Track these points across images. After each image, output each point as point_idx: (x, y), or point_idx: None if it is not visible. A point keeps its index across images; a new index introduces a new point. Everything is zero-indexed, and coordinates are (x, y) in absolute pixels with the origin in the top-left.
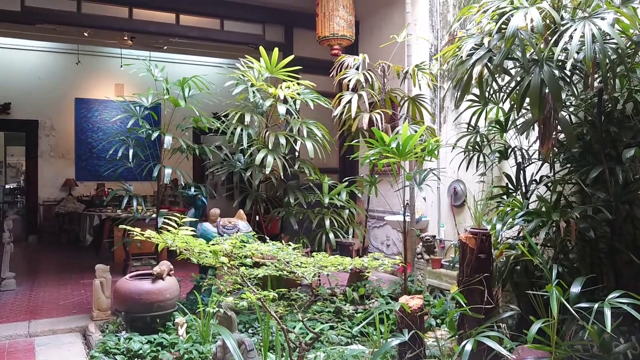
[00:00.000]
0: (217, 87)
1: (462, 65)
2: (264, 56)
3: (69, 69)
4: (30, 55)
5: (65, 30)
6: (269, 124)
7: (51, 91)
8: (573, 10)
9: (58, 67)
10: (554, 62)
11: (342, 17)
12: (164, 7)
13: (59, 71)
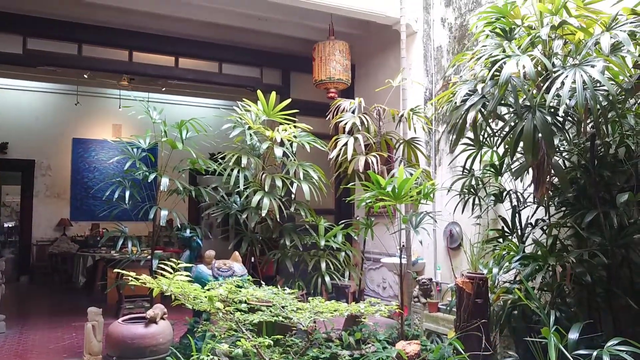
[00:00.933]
0: (215, 129)
1: (456, 111)
2: (261, 99)
3: (67, 109)
4: (29, 96)
5: (65, 72)
6: (265, 166)
7: (49, 131)
8: (564, 58)
9: (57, 108)
10: (546, 109)
11: (339, 61)
12: (163, 51)
13: (57, 111)
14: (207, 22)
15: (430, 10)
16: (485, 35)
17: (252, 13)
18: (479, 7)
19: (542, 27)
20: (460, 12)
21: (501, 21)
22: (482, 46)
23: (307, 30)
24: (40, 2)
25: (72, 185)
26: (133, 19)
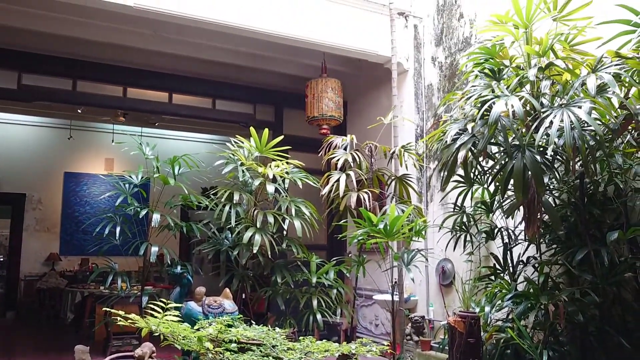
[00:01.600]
0: (208, 164)
1: (447, 150)
2: (254, 136)
3: (60, 143)
4: (22, 130)
5: (59, 107)
6: (257, 202)
7: (41, 165)
8: (552, 98)
9: (49, 142)
10: (535, 148)
11: (331, 98)
12: (157, 87)
13: (50, 145)
14: (201, 59)
15: (421, 49)
16: (474, 75)
17: (246, 50)
18: (468, 47)
19: (530, 68)
20: (450, 52)
21: (490, 62)
22: (471, 86)
23: (300, 67)
24: (35, 39)
25: (63, 219)
26: (128, 55)
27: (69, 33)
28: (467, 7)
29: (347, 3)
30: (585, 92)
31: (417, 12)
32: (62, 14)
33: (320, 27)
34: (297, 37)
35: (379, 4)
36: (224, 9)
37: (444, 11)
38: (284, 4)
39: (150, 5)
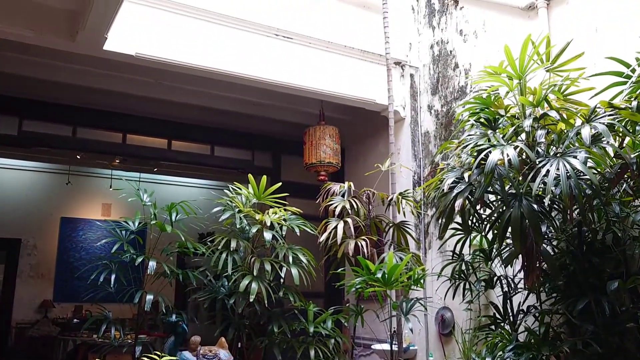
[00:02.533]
0: (205, 210)
1: (444, 198)
2: (252, 183)
3: (58, 188)
4: (20, 174)
5: (58, 152)
6: (254, 249)
7: (38, 210)
8: (547, 146)
9: (47, 186)
10: (532, 197)
11: (329, 145)
12: (157, 134)
13: (47, 190)
14: (201, 106)
15: (418, 98)
16: (470, 124)
17: (245, 98)
18: (464, 96)
19: (525, 117)
20: (447, 100)
21: (485, 111)
22: (468, 135)
23: (298, 114)
24: (36, 86)
25: (58, 265)
26: (128, 102)
27: (70, 80)
28: (462, 58)
29: (345, 53)
30: (581, 142)
31: (413, 61)
32: (63, 62)
33: (318, 76)
34: (296, 86)
35: (376, 54)
36: (226, 58)
37: (439, 61)
38: (283, 53)
39: (152, 54)
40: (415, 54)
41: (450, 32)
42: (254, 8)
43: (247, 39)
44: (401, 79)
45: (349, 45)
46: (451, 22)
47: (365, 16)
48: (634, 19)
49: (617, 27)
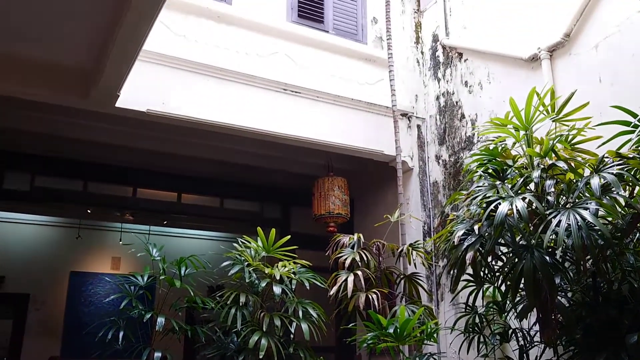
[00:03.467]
0: (214, 264)
1: (455, 250)
2: (261, 236)
3: (67, 242)
4: (30, 228)
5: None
6: (264, 304)
7: (47, 264)
8: (557, 196)
9: (57, 240)
10: (544, 248)
11: (338, 196)
12: (167, 187)
13: (57, 244)
14: (211, 159)
15: (425, 148)
16: (478, 175)
17: (254, 151)
18: (471, 146)
19: (533, 168)
20: (454, 150)
21: (493, 162)
22: (476, 187)
23: (306, 166)
24: (48, 142)
25: (66, 321)
26: (139, 157)
27: (81, 136)
28: (468, 108)
29: (352, 105)
30: (590, 192)
31: (419, 112)
32: (74, 118)
33: (326, 128)
34: (304, 138)
35: (383, 106)
36: (235, 113)
37: (445, 112)
38: (291, 107)
39: (163, 110)
40: (422, 105)
41: (456, 83)
42: (261, 64)
43: (255, 94)
44: (408, 129)
45: (355, 99)
46: (456, 74)
47: (372, 69)
48: (637, 70)
49: (620, 76)
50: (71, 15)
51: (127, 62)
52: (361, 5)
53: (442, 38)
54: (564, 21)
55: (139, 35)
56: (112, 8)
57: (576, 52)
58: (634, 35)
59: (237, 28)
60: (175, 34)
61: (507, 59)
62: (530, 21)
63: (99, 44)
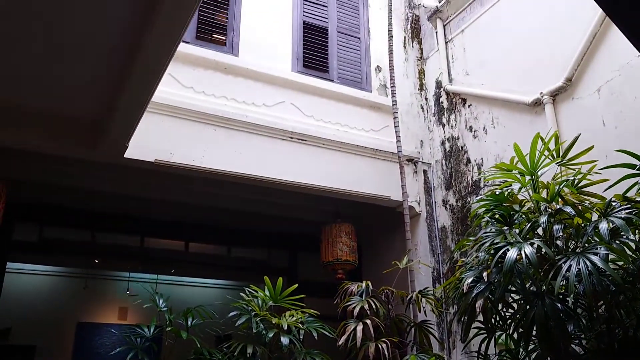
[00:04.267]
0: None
1: (464, 298)
2: (268, 285)
3: (74, 292)
4: (37, 279)
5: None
6: (272, 355)
7: (54, 315)
8: (565, 241)
9: (64, 291)
10: (554, 295)
11: (345, 243)
12: (174, 236)
13: (64, 295)
14: (217, 207)
15: (432, 193)
16: (485, 221)
17: (262, 198)
18: (478, 190)
19: (540, 213)
20: (461, 195)
21: (500, 207)
22: (484, 233)
23: (313, 212)
24: (56, 192)
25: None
26: (146, 206)
27: (88, 186)
28: (473, 153)
29: (357, 152)
30: (599, 236)
31: (425, 158)
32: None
33: (332, 175)
34: (310, 185)
35: (388, 152)
36: (242, 161)
37: (451, 157)
38: (297, 155)
39: (171, 160)
40: (428, 150)
41: (460, 128)
42: (268, 113)
43: (262, 143)
44: (414, 175)
45: (361, 145)
46: (460, 119)
47: (377, 116)
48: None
49: (624, 119)
50: (81, 68)
51: (136, 114)
52: (365, 54)
53: (446, 84)
54: (564, 66)
55: (148, 87)
56: (122, 61)
57: (578, 96)
58: (635, 79)
59: (244, 79)
60: (183, 85)
61: (511, 103)
62: (531, 66)
63: (108, 96)
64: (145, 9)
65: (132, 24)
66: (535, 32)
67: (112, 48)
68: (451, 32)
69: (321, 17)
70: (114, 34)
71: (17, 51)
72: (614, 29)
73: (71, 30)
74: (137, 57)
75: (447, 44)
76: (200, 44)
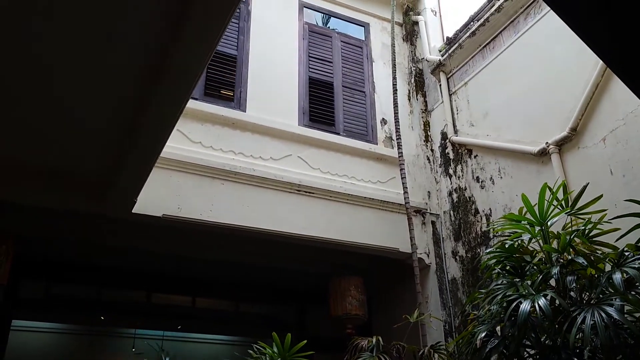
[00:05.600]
0: None
1: (478, 353)
2: (276, 342)
3: (79, 350)
4: (42, 336)
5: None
6: None
7: None
8: (579, 292)
9: (68, 349)
10: (570, 348)
11: (354, 296)
12: (181, 291)
13: (69, 352)
14: (225, 261)
15: (441, 245)
16: (496, 273)
17: (268, 252)
18: (487, 241)
19: (552, 264)
20: (470, 246)
21: (511, 259)
22: (495, 285)
23: (322, 266)
24: (63, 249)
25: None
26: (153, 261)
27: (96, 241)
28: (481, 203)
29: (365, 204)
30: (614, 287)
31: (433, 209)
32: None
33: (340, 227)
34: (318, 238)
35: (396, 204)
36: (249, 215)
37: (459, 207)
38: (305, 207)
39: (179, 215)
40: (435, 201)
41: (467, 179)
42: (275, 167)
43: (270, 196)
44: (423, 226)
45: (368, 197)
46: (467, 169)
47: (383, 168)
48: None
49: (631, 168)
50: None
51: (145, 170)
52: (370, 107)
53: (451, 135)
54: (569, 115)
55: (157, 144)
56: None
57: (584, 145)
58: (639, 127)
59: (251, 133)
60: (191, 140)
61: (517, 153)
62: (536, 116)
63: (117, 153)
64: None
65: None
66: (538, 83)
67: (121, 107)
68: (455, 84)
69: (327, 73)
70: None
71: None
72: (615, 79)
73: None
74: (146, 115)
75: (451, 96)
76: (208, 100)
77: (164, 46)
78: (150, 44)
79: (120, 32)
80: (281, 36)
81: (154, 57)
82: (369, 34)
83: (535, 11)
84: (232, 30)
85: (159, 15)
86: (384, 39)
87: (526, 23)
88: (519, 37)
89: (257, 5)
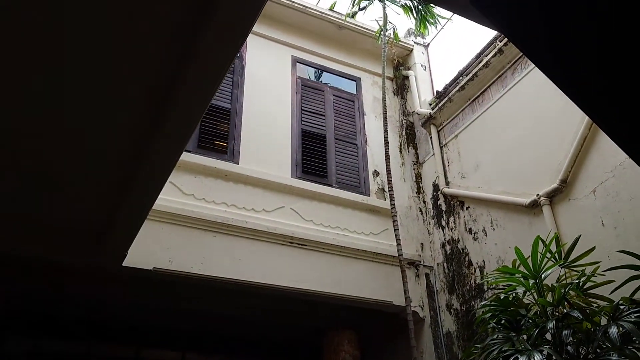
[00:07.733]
0: None
1: None
2: None
3: None
4: None
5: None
6: None
7: None
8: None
9: None
10: None
11: (348, 351)
12: (170, 347)
13: None
14: (215, 315)
15: (435, 297)
16: (492, 327)
17: (260, 305)
18: (481, 294)
19: (548, 318)
20: (465, 299)
21: (506, 313)
22: (490, 340)
23: (315, 319)
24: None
25: None
26: (143, 314)
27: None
28: (474, 255)
29: (358, 256)
30: (610, 341)
31: (426, 261)
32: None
33: (333, 280)
34: (311, 291)
35: (389, 256)
36: (241, 267)
37: (452, 259)
38: (297, 260)
39: (169, 268)
40: (428, 253)
41: (460, 231)
42: (268, 219)
43: (262, 248)
44: (417, 278)
45: (361, 249)
46: (460, 221)
47: (376, 220)
48: (637, 212)
49: (622, 220)
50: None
51: (137, 224)
52: (362, 159)
53: (443, 187)
54: (558, 168)
55: (149, 198)
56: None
57: (575, 197)
58: (628, 179)
59: (244, 185)
60: (183, 193)
61: (509, 205)
62: (526, 168)
63: (109, 208)
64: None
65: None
66: (527, 135)
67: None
68: (445, 137)
69: (319, 125)
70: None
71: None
72: (602, 132)
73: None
74: (140, 169)
75: (442, 148)
76: (201, 152)
77: (159, 104)
78: (147, 102)
79: (119, 90)
80: (275, 90)
81: (151, 113)
82: (360, 87)
83: (522, 66)
84: (226, 84)
85: (154, 75)
86: (375, 92)
87: (513, 78)
88: (507, 91)
89: (251, 61)
